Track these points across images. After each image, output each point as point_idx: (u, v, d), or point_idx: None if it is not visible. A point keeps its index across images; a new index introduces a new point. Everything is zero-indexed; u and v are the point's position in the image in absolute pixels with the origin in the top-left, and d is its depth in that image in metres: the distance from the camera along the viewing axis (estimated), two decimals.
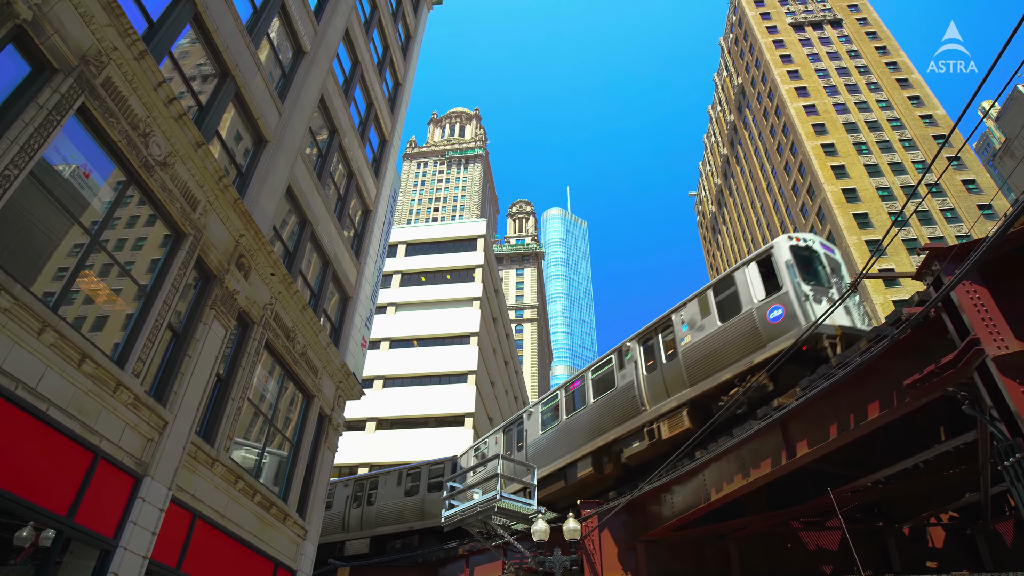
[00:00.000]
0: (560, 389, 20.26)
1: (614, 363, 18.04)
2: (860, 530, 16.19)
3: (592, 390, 18.47)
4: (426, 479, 25.96)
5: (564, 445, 18.89)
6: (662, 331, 16.75)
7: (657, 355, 16.40)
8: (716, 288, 15.46)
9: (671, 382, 15.55)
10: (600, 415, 17.58)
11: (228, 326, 11.36)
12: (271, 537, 12.72)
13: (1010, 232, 7.66)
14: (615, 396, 17.18)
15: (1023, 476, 6.93)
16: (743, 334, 14.00)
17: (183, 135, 9.98)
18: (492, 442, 23.19)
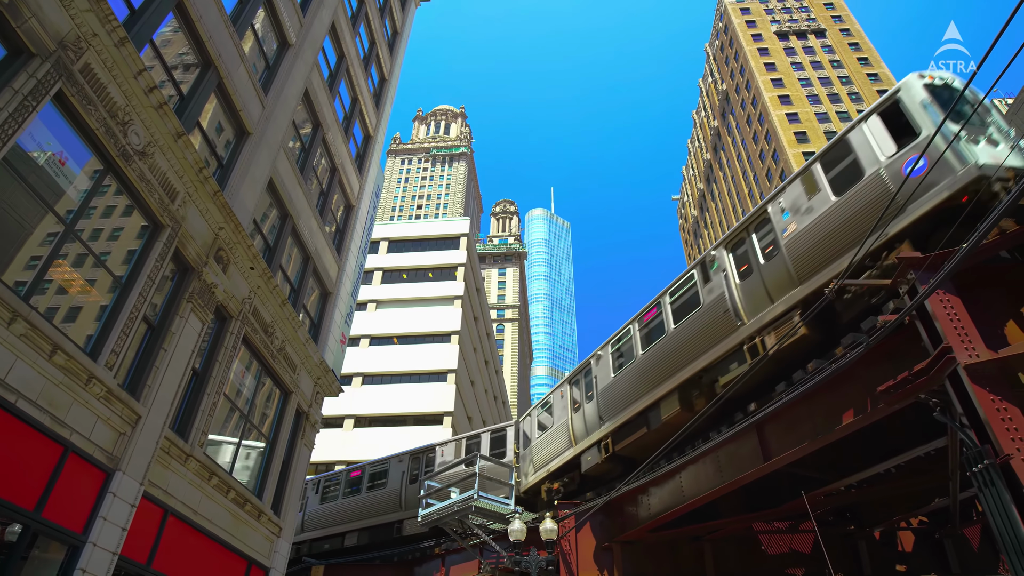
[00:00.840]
0: (632, 323, 17.05)
1: (697, 279, 15.00)
2: (832, 533, 16.44)
3: (672, 316, 15.38)
4: (488, 448, 23.51)
5: (642, 385, 15.88)
6: (756, 228, 13.69)
7: (752, 257, 13.43)
8: (824, 159, 12.23)
9: (774, 284, 12.64)
10: (684, 342, 14.78)
11: (205, 320, 11.20)
12: (245, 534, 12.56)
13: (983, 243, 7.82)
14: (702, 316, 14.30)
15: (991, 482, 7.07)
16: (870, 203, 10.88)
17: (163, 125, 9.82)
18: (557, 397, 20.36)
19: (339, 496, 27.24)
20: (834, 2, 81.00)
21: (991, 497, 7.06)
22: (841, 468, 13.20)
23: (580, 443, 18.08)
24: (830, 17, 78.25)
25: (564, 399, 19.85)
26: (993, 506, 7.03)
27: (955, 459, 9.53)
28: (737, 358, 13.24)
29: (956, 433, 7.87)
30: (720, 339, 13.69)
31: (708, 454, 14.02)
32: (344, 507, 26.81)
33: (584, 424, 17.68)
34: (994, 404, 7.29)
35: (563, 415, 19.38)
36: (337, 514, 26.93)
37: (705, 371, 14.08)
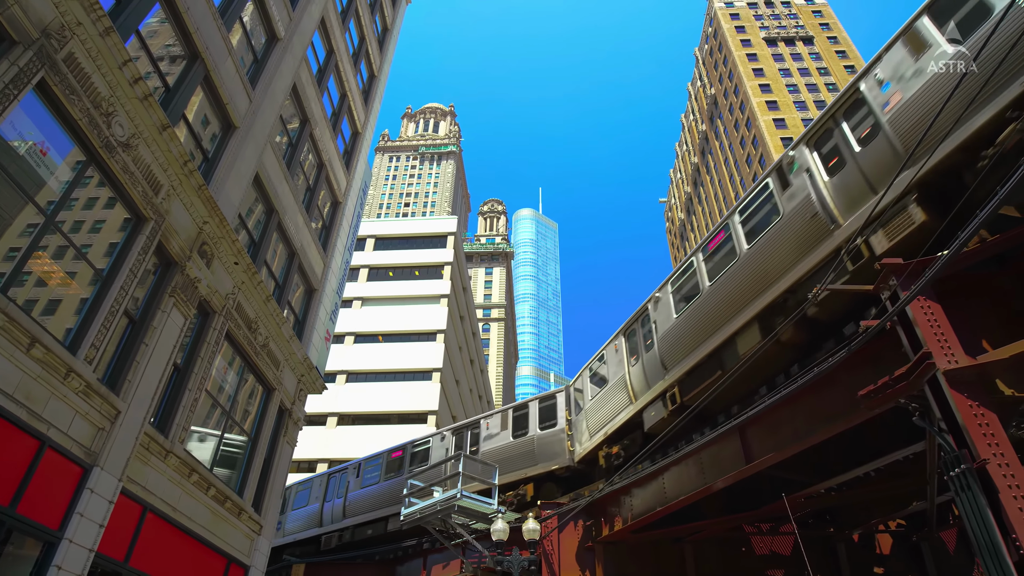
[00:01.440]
0: (695, 253, 14.90)
1: (773, 187, 12.79)
2: (812, 535, 16.61)
3: (744, 236, 13.11)
4: (537, 417, 21.40)
5: (713, 322, 13.66)
6: (845, 115, 11.30)
7: (844, 147, 11.13)
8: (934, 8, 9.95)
9: (876, 171, 10.28)
10: (763, 262, 12.41)
11: (188, 315, 11.07)
12: (225, 532, 12.45)
13: (964, 251, 7.93)
14: (783, 228, 12.04)
15: (967, 487, 7.17)
16: None
17: (148, 116, 9.70)
18: (610, 352, 18.16)
19: (379, 479, 25.73)
20: (822, 10, 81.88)
21: (967, 501, 7.16)
22: (822, 471, 13.34)
23: (641, 398, 15.99)
24: (818, 24, 79.08)
25: (619, 352, 17.52)
26: (969, 510, 7.12)
27: (933, 463, 9.65)
28: (833, 268, 10.67)
29: (934, 438, 7.97)
30: (809, 249, 11.40)
31: (691, 456, 14.11)
32: (387, 490, 25.09)
33: (644, 376, 15.63)
34: (972, 410, 7.40)
35: (619, 370, 17.28)
36: (379, 497, 25.38)
37: (791, 291, 11.68)
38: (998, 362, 7.78)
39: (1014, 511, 6.65)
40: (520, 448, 21.07)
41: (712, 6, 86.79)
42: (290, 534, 28.38)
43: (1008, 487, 6.80)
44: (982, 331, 8.34)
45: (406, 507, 17.95)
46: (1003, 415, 7.62)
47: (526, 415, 21.57)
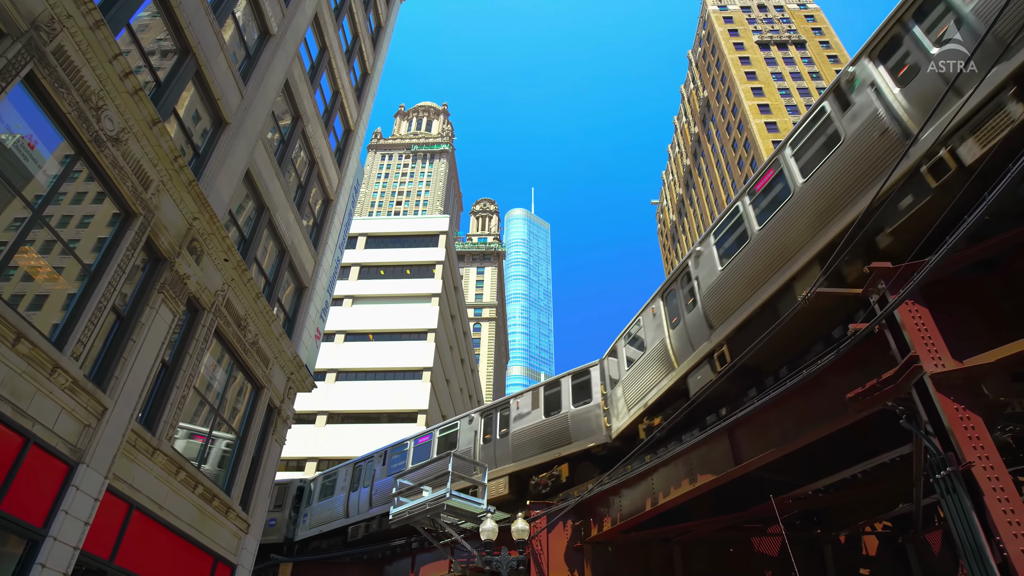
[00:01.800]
0: (740, 197, 13.17)
1: (830, 110, 11.26)
2: (799, 537, 16.71)
3: (798, 169, 11.62)
4: (570, 393, 19.73)
5: (766, 267, 11.98)
6: (916, 17, 9.96)
7: (917, 52, 9.72)
8: None
9: None
10: (823, 194, 10.85)
11: (176, 311, 11.00)
12: (212, 530, 12.37)
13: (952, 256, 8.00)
14: (845, 153, 10.52)
15: (952, 489, 7.24)
16: None
17: (138, 111, 9.62)
18: (648, 318, 16.50)
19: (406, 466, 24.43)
20: (814, 14, 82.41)
21: (953, 503, 7.23)
22: (810, 472, 13.43)
23: (684, 363, 14.40)
24: (810, 29, 79.58)
25: (657, 317, 15.99)
26: (954, 512, 7.19)
27: (919, 466, 9.74)
28: (912, 188, 9.32)
29: (921, 440, 8.04)
30: (879, 172, 10.06)
31: (680, 457, 14.16)
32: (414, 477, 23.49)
33: (688, 338, 14.19)
34: (958, 413, 7.46)
35: (657, 335, 15.72)
36: None
37: (859, 225, 9.95)
38: (984, 366, 7.85)
39: (998, 514, 6.71)
40: (553, 427, 19.53)
41: (706, 9, 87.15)
42: (315, 526, 27.56)
43: (993, 490, 6.87)
44: (969, 335, 8.42)
45: (395, 506, 17.90)
46: (988, 418, 7.69)
47: (558, 393, 20.01)
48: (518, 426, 20.68)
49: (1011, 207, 8.33)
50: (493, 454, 20.98)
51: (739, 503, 15.15)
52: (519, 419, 20.80)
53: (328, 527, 27.02)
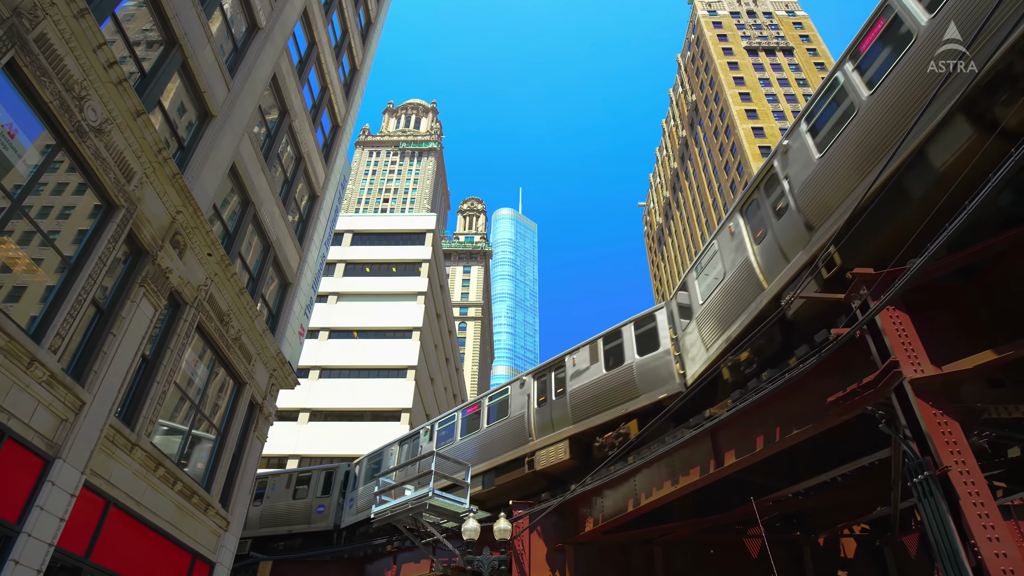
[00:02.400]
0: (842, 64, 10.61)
1: None
2: (779, 539, 16.88)
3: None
4: (634, 343, 17.24)
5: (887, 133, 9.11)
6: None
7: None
8: None
9: None
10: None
11: (158, 305, 10.86)
12: (191, 527, 12.23)
13: (933, 263, 8.11)
14: None
15: (930, 493, 7.34)
16: None
17: (122, 102, 9.48)
18: (724, 239, 14.06)
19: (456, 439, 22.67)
20: (803, 22, 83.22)
21: (929, 507, 7.33)
22: (790, 475, 13.56)
23: (775, 280, 11.72)
24: (798, 36, 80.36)
25: (736, 235, 13.48)
26: (931, 516, 7.29)
27: (898, 470, 9.87)
28: None
29: (900, 445, 8.15)
30: None
31: (663, 458, 14.24)
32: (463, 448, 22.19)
33: (779, 250, 11.70)
34: (936, 418, 7.58)
35: (739, 256, 13.23)
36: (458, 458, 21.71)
37: None
38: (962, 372, 7.98)
39: (973, 518, 6.82)
40: (617, 381, 17.18)
41: (696, 14, 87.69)
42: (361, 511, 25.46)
43: (968, 494, 6.98)
44: (948, 342, 8.54)
45: (377, 505, 17.81)
46: (965, 424, 7.82)
47: (620, 344, 17.73)
48: (576, 384, 18.45)
49: (991, 216, 8.46)
50: (550, 417, 18.87)
51: (720, 505, 15.27)
52: (576, 377, 18.60)
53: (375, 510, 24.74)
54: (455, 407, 24.18)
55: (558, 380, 19.50)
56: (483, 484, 20.44)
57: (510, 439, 20.15)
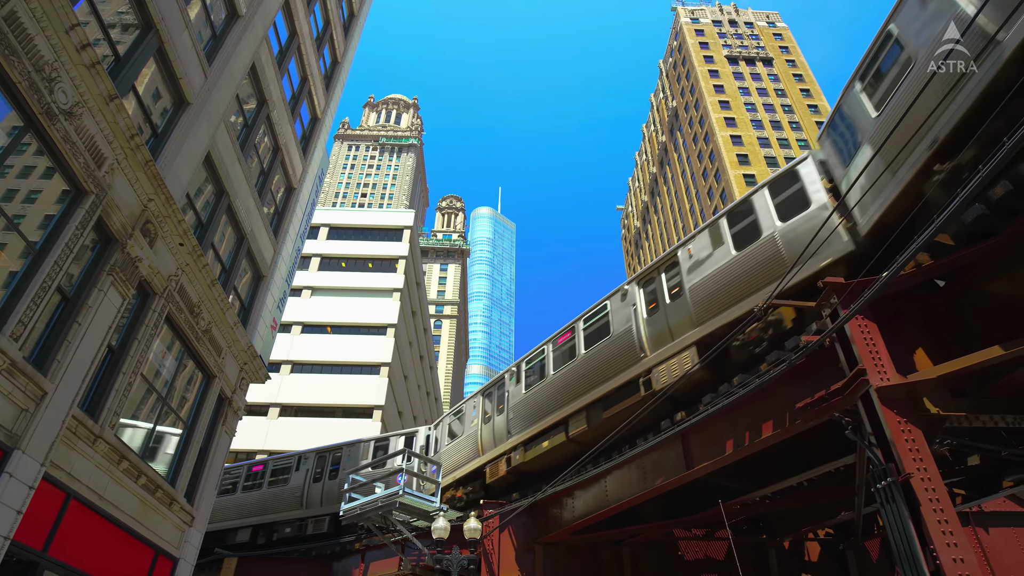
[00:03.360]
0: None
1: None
2: (745, 541, 17.12)
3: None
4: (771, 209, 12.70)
5: None
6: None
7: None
8: None
9: None
10: None
11: (126, 295, 10.61)
12: (154, 522, 11.99)
13: (901, 274, 8.30)
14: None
15: (892, 498, 7.52)
16: None
17: (95, 85, 9.25)
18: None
19: (547, 374, 18.18)
20: (782, 33, 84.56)
21: (891, 512, 7.50)
22: (758, 479, 13.75)
23: None
24: (778, 47, 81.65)
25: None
26: (893, 521, 7.46)
27: (862, 475, 10.08)
28: None
29: (864, 451, 8.32)
30: None
31: (634, 460, 14.33)
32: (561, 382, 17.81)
33: None
34: (900, 426, 7.75)
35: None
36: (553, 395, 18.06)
37: None
38: (926, 381, 8.18)
39: (933, 523, 6.99)
40: (754, 260, 12.95)
41: (679, 21, 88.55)
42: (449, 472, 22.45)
43: (929, 500, 7.15)
44: (913, 351, 8.75)
45: (346, 502, 17.65)
46: (928, 432, 8.01)
47: (753, 217, 13.39)
48: (696, 278, 14.40)
49: (957, 231, 8.68)
50: (666, 325, 14.82)
51: (689, 508, 15.43)
52: (695, 269, 14.50)
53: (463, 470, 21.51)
54: (543, 340, 19.53)
55: (671, 282, 15.36)
56: (587, 422, 16.41)
57: (617, 361, 16.19)
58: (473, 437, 19.89)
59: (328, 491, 24.67)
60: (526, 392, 18.18)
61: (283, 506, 25.49)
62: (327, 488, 24.84)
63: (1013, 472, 11.82)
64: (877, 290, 7.90)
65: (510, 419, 18.26)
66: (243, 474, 27.76)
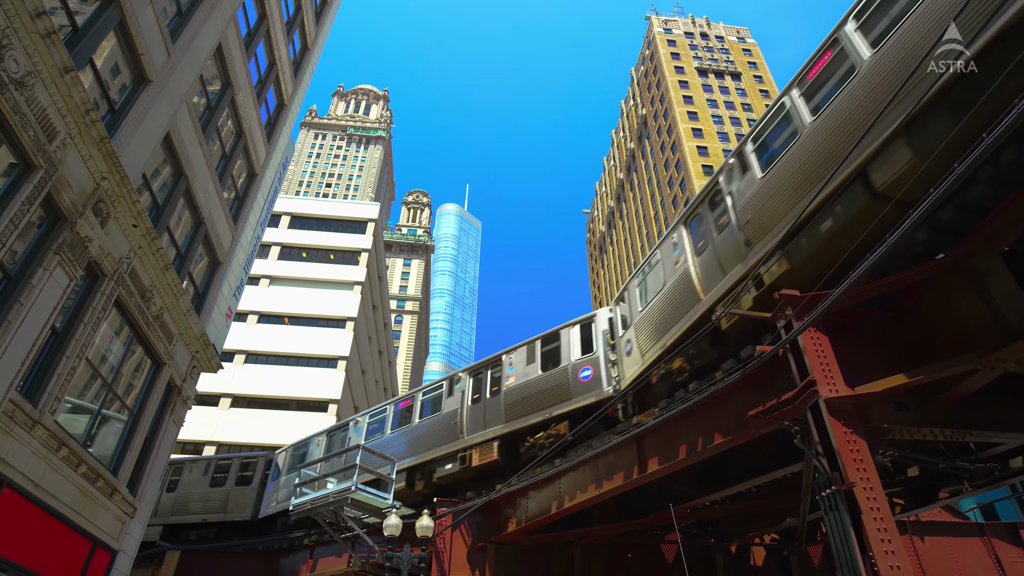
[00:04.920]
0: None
1: None
2: (694, 545, 17.45)
3: None
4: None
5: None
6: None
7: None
8: None
9: None
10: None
11: (74, 276, 10.20)
12: (93, 513, 11.56)
13: (853, 290, 8.56)
14: None
15: (835, 506, 7.75)
16: None
17: (49, 55, 8.85)
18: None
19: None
20: (751, 48, 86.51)
21: (834, 520, 7.73)
22: (709, 484, 14.03)
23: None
24: (747, 63, 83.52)
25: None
26: (835, 528, 7.69)
27: (808, 483, 10.38)
28: None
29: (812, 460, 8.55)
30: None
31: (589, 462, 14.46)
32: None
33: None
34: (846, 436, 8.00)
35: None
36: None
37: None
38: (872, 394, 8.46)
39: (873, 531, 7.23)
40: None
41: (652, 30, 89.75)
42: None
43: (870, 509, 7.39)
44: (862, 364, 9.03)
45: (297, 497, 17.34)
46: (872, 443, 8.29)
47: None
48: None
49: (907, 249, 9.01)
50: (483, 416, 18.84)
51: (640, 510, 15.64)
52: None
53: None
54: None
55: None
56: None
57: (443, 434, 19.97)
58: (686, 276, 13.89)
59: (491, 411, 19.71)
60: None
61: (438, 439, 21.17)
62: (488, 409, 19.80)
63: (949, 484, 12.34)
64: (829, 304, 8.13)
65: None
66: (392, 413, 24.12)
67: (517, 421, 17.72)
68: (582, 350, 17.11)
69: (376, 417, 23.44)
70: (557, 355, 17.68)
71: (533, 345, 18.71)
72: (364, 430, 23.40)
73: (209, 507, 26.43)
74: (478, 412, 19.20)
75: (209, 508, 26.41)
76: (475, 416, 19.21)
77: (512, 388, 18.27)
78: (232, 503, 26.26)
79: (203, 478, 27.36)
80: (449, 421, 19.96)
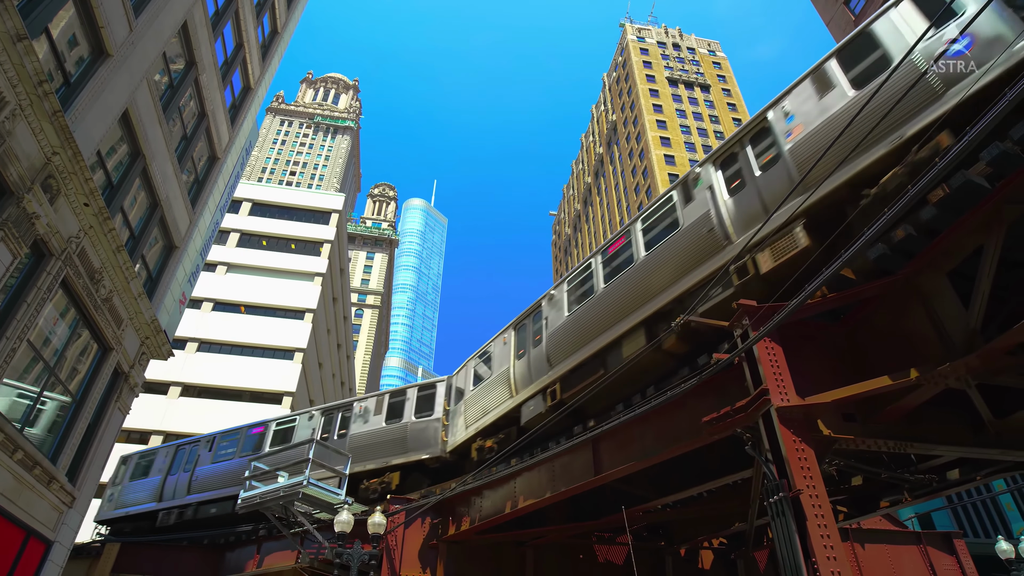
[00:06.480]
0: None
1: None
2: (644, 547, 17.68)
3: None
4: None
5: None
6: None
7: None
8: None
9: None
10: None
11: (18, 253, 9.75)
12: (28, 501, 11.08)
13: (807, 303, 8.79)
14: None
15: (782, 513, 7.95)
16: None
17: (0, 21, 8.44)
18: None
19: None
20: (721, 62, 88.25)
21: (781, 525, 7.93)
22: (661, 487, 14.24)
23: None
24: (716, 75, 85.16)
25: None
26: (781, 534, 7.89)
27: (757, 489, 10.61)
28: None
29: (761, 466, 8.75)
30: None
31: (544, 463, 14.50)
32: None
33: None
34: (795, 444, 8.21)
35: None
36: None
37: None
38: (822, 404, 8.71)
39: (817, 538, 7.44)
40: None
41: (625, 38, 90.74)
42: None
43: (815, 516, 7.60)
44: (813, 375, 9.28)
45: (246, 490, 16.94)
46: (819, 452, 8.53)
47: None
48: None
49: (860, 266, 9.31)
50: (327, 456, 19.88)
51: (593, 512, 15.77)
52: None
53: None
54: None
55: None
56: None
57: None
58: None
59: None
60: None
61: None
62: None
63: (890, 493, 12.80)
64: (784, 316, 8.33)
65: None
66: None
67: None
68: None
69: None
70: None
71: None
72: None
73: None
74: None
75: None
76: None
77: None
78: None
79: None
80: None
